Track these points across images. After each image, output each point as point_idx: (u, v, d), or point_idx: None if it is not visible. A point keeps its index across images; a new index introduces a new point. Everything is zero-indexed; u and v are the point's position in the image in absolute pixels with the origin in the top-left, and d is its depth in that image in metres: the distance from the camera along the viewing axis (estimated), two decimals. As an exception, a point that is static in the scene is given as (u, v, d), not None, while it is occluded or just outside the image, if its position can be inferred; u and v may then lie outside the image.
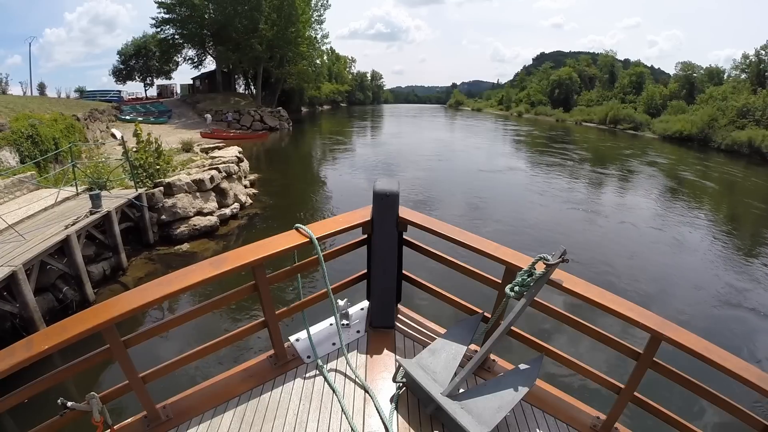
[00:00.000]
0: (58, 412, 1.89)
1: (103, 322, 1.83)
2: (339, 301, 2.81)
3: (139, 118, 29.09)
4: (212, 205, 11.33)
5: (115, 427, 2.10)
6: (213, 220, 10.87)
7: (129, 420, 2.23)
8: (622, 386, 2.23)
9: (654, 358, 2.08)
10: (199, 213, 10.85)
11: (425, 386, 2.19)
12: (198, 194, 11.09)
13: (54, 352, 1.74)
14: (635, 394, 2.21)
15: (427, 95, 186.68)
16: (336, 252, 2.62)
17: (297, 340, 2.75)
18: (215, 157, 14.10)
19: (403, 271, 2.88)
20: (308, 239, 2.35)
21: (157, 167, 11.08)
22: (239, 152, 15.67)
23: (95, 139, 20.32)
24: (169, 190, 10.52)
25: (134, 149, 11.25)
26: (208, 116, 31.30)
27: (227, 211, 11.71)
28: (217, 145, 17.79)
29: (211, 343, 2.33)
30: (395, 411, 2.24)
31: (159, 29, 38.11)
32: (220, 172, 12.21)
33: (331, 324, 2.85)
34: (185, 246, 9.80)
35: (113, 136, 22.03)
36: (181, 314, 2.16)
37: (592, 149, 31.82)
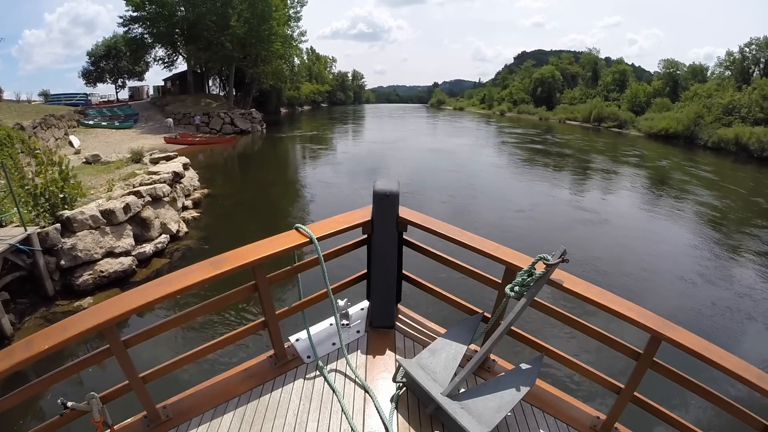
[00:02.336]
0: (58, 412, 1.90)
1: (103, 322, 1.83)
2: (339, 301, 2.81)
3: (103, 123, 27.93)
4: (127, 242, 8.78)
5: (115, 427, 2.10)
6: (127, 262, 8.38)
7: (129, 420, 2.23)
8: (622, 386, 2.23)
9: (654, 358, 2.08)
10: (110, 254, 8.38)
11: (425, 386, 2.19)
12: (108, 229, 8.52)
13: (54, 353, 1.74)
14: (635, 394, 2.21)
15: (409, 95, 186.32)
16: (336, 252, 2.62)
17: (297, 340, 2.75)
18: (154, 173, 11.77)
19: (403, 271, 2.88)
20: (308, 239, 2.35)
21: (62, 195, 8.44)
22: (184, 164, 13.59)
23: (46, 149, 17.45)
24: (69, 226, 7.96)
25: (71, 163, 9.14)
26: (169, 120, 29.54)
27: (149, 247, 9.16)
28: (168, 154, 15.60)
29: (211, 343, 2.34)
30: (395, 411, 2.24)
31: (127, 28, 35.68)
32: (141, 196, 9.57)
33: (331, 324, 2.85)
34: (88, 300, 7.54)
35: (70, 144, 20.32)
36: (181, 314, 2.16)
37: (616, 158, 27.40)
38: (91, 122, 27.88)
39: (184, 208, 12.31)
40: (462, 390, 2.28)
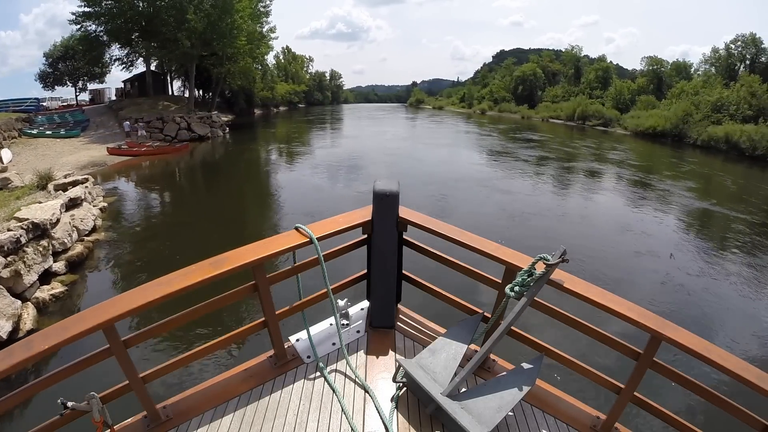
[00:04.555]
0: (58, 412, 1.90)
1: (103, 321, 1.83)
2: (339, 301, 2.81)
3: (48, 132, 25.10)
4: None
5: (115, 427, 2.10)
6: None
7: (129, 420, 2.23)
8: (622, 386, 2.23)
9: (654, 358, 2.08)
10: None
11: (425, 386, 2.19)
12: None
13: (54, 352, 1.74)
14: (635, 394, 2.21)
15: (388, 94, 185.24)
16: (336, 252, 2.62)
17: (297, 340, 2.75)
18: (20, 221, 8.09)
19: (403, 271, 2.88)
20: (308, 239, 2.35)
21: None
22: (70, 200, 10.32)
23: None
24: None
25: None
26: (127, 123, 27.16)
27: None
28: (75, 179, 12.36)
29: (211, 343, 2.34)
30: (395, 411, 2.24)
31: (80, 26, 31.78)
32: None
33: (331, 324, 2.86)
34: None
35: (0, 159, 17.72)
36: (181, 314, 2.16)
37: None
38: (34, 131, 24.75)
39: (48, 275, 7.99)
40: (462, 390, 2.28)
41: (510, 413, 2.25)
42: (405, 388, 2.36)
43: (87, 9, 30.53)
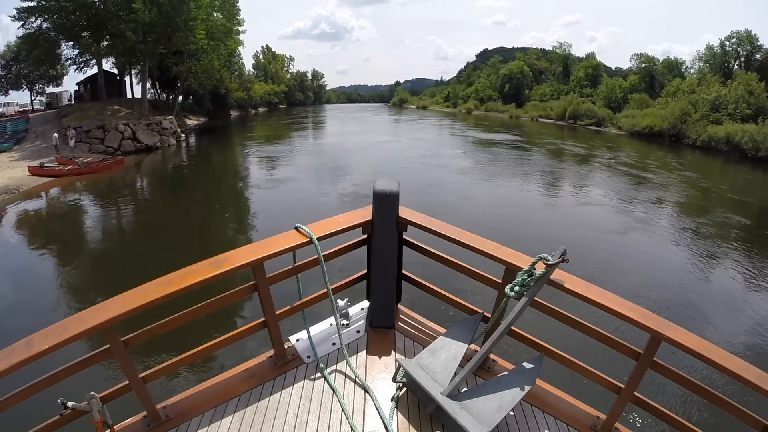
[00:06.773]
0: (58, 412, 1.90)
1: (103, 322, 1.83)
2: (339, 301, 2.81)
3: None
4: None
5: (115, 427, 2.10)
6: None
7: (129, 420, 2.23)
8: (622, 386, 2.23)
9: (654, 358, 2.08)
10: None
11: (425, 386, 2.19)
12: None
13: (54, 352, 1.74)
14: (635, 394, 2.21)
15: (371, 94, 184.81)
16: (336, 252, 2.62)
17: (297, 340, 2.75)
18: None
19: (403, 271, 2.88)
20: (308, 239, 2.35)
21: None
22: None
23: None
24: None
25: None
26: (56, 135, 22.73)
27: None
28: None
29: (211, 343, 2.34)
30: (395, 411, 2.24)
31: (23, 22, 27.62)
32: None
33: (331, 324, 2.86)
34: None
35: None
36: (181, 314, 2.16)
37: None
38: None
39: None
40: (462, 390, 2.28)
41: (510, 413, 2.25)
42: (405, 388, 2.36)
43: (31, 3, 26.94)
